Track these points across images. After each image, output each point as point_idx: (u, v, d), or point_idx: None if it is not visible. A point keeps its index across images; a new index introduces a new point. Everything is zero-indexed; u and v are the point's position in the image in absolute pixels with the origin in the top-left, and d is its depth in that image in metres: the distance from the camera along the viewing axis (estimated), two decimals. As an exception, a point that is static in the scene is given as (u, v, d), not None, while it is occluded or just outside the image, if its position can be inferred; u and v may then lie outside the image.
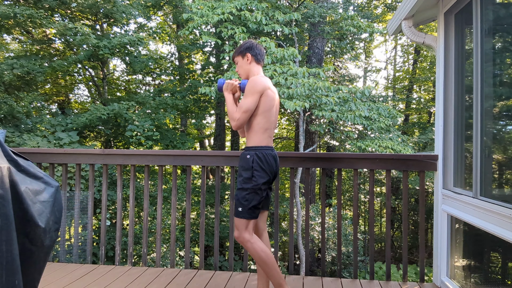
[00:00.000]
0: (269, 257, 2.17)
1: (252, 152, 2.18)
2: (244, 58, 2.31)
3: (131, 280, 2.72)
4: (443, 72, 2.59)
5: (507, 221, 1.78)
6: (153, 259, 8.71)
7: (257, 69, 2.31)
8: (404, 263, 2.86)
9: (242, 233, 2.17)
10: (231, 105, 2.26)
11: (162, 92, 11.35)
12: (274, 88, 2.30)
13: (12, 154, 1.51)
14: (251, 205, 2.15)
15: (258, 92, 2.16)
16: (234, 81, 2.31)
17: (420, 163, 2.77)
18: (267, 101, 2.19)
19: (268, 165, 2.18)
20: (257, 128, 2.20)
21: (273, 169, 2.22)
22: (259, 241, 2.19)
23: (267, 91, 2.19)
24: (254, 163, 2.15)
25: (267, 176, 2.17)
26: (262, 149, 2.19)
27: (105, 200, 3.12)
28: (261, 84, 2.17)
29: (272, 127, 2.26)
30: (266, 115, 2.20)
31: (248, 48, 2.30)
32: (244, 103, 2.16)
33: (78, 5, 8.92)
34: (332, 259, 10.00)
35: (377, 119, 7.84)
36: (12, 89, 8.00)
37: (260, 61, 2.33)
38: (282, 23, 8.37)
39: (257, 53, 2.31)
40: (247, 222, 2.17)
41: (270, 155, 2.20)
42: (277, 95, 2.31)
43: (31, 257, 1.46)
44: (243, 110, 2.16)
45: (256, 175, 2.14)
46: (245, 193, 2.16)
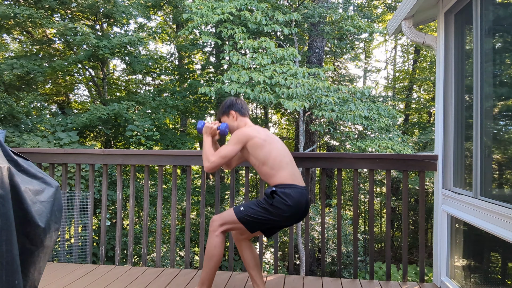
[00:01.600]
0: (216, 257, 2.19)
1: (278, 188, 2.13)
2: (229, 116, 2.36)
3: (131, 280, 2.72)
4: (443, 72, 2.59)
5: (507, 221, 1.78)
6: (153, 259, 8.71)
7: (244, 121, 2.36)
8: (404, 263, 2.86)
9: (219, 223, 2.18)
10: (208, 147, 2.29)
11: (162, 92, 11.35)
12: (267, 133, 2.28)
13: (12, 154, 1.51)
14: (254, 218, 2.13)
15: (240, 142, 2.19)
16: (213, 124, 2.35)
17: (420, 163, 2.77)
18: (257, 148, 2.18)
19: (293, 201, 2.10)
20: (272, 174, 2.18)
21: (299, 206, 2.13)
22: (221, 240, 2.19)
23: (254, 139, 2.18)
24: (277, 196, 2.10)
25: (287, 212, 2.10)
26: (288, 186, 2.14)
27: (105, 200, 3.12)
28: (244, 135, 2.19)
29: (284, 165, 2.19)
30: (270, 160, 2.17)
31: (230, 105, 2.36)
32: (224, 148, 2.20)
33: (78, 5, 8.92)
34: (332, 259, 10.00)
35: (377, 119, 7.85)
36: (12, 89, 8.01)
37: (245, 113, 2.38)
38: (282, 23, 8.37)
39: (240, 108, 2.36)
40: (234, 223, 2.17)
41: (298, 192, 2.14)
42: (273, 138, 2.28)
43: (31, 257, 1.46)
44: (221, 154, 2.19)
45: (276, 206, 2.10)
46: (259, 210, 2.13)
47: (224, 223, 2.19)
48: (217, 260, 2.20)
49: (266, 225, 2.19)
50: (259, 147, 2.18)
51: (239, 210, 2.17)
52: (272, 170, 2.17)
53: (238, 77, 6.94)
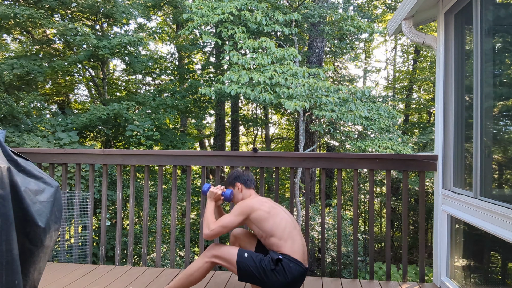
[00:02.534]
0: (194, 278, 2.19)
1: (286, 259, 2.09)
2: (235, 188, 2.39)
3: (131, 280, 2.72)
4: (443, 72, 2.59)
5: (507, 221, 1.78)
6: (153, 259, 8.71)
7: (249, 193, 2.38)
8: (404, 263, 2.85)
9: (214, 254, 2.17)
10: (210, 214, 2.29)
11: (162, 92, 11.35)
12: (271, 204, 2.27)
13: (12, 154, 1.51)
14: (250, 271, 2.10)
15: (243, 214, 2.19)
16: (217, 190, 2.37)
17: (420, 163, 2.76)
18: (262, 221, 2.16)
19: (292, 278, 2.07)
20: (281, 244, 2.14)
21: (294, 285, 2.10)
22: (207, 269, 2.18)
23: (257, 212, 2.17)
24: (282, 266, 2.06)
25: (281, 285, 2.06)
26: (296, 262, 2.10)
27: (105, 200, 3.12)
28: (247, 207, 2.20)
29: (293, 236, 2.16)
30: (275, 232, 2.14)
31: (236, 177, 2.40)
32: (226, 218, 2.20)
33: (78, 5, 8.92)
34: (332, 259, 9.99)
35: (377, 119, 7.85)
36: (12, 89, 8.00)
37: (251, 185, 2.40)
38: (282, 23, 8.37)
39: (245, 180, 2.38)
40: (229, 262, 2.13)
41: (300, 272, 2.10)
42: (278, 208, 2.26)
43: (31, 257, 1.46)
44: (221, 224, 2.18)
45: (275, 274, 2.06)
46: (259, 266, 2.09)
47: (220, 257, 2.16)
48: (193, 282, 2.20)
49: (255, 282, 2.13)
50: (263, 220, 2.17)
51: (242, 255, 2.13)
52: (281, 240, 2.14)
53: (238, 77, 6.94)
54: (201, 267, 2.17)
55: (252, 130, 16.81)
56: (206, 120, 15.13)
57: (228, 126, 14.68)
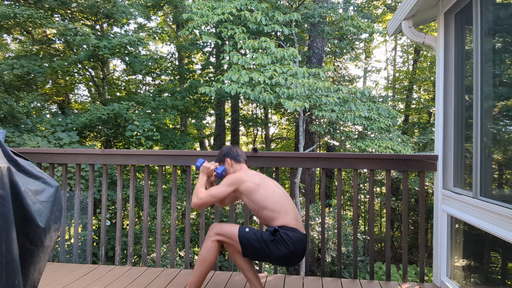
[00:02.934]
0: (208, 262, 2.20)
1: (282, 229, 2.14)
2: (225, 164, 2.44)
3: (131, 280, 2.72)
4: (443, 72, 2.59)
5: (507, 221, 1.78)
6: (153, 259, 8.71)
7: (240, 167, 2.42)
8: (404, 263, 2.86)
9: (217, 231, 2.19)
10: (200, 185, 2.35)
11: (162, 92, 11.35)
12: (261, 177, 2.31)
13: (12, 154, 1.51)
14: (252, 246, 2.13)
15: (232, 185, 2.24)
16: (211, 165, 2.41)
17: (420, 163, 2.76)
18: (252, 192, 2.20)
19: (293, 245, 2.11)
20: (274, 216, 2.18)
21: (297, 252, 2.14)
22: (216, 247, 2.20)
23: (246, 183, 2.22)
24: (279, 235, 2.11)
25: (283, 254, 2.11)
26: (291, 229, 2.15)
27: (105, 200, 3.12)
28: (237, 179, 2.25)
29: (286, 208, 2.21)
30: (269, 205, 2.18)
31: (226, 154, 2.45)
32: (215, 189, 2.26)
33: (78, 5, 8.92)
34: (332, 259, 10.00)
35: (377, 119, 7.85)
36: (12, 89, 8.00)
37: (241, 160, 2.44)
38: (282, 24, 8.37)
39: (235, 155, 2.44)
40: (232, 238, 2.15)
41: (299, 238, 2.15)
42: (269, 181, 2.30)
43: (31, 257, 1.46)
44: (210, 193, 2.24)
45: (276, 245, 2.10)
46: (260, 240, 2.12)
47: (222, 234, 2.19)
48: (209, 265, 2.21)
49: (260, 256, 2.18)
50: (253, 192, 2.21)
51: (244, 230, 2.16)
52: (273, 213, 2.18)
53: (238, 77, 6.94)
54: (209, 248, 2.19)
55: (252, 130, 16.81)
56: (206, 120, 15.13)
57: (228, 126, 14.68)
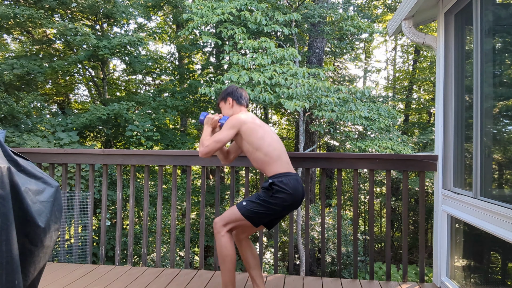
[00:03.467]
0: (229, 256, 2.18)
1: (276, 179, 2.15)
2: (226, 103, 2.40)
3: (131, 280, 2.72)
4: (443, 72, 2.59)
5: (507, 221, 1.78)
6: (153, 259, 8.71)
7: (240, 109, 2.40)
8: (404, 263, 2.85)
9: (222, 224, 2.18)
10: (205, 135, 2.34)
11: (162, 92, 11.35)
12: (261, 121, 2.33)
13: (12, 154, 1.51)
14: (257, 212, 2.14)
15: (234, 127, 2.21)
16: (215, 116, 2.39)
17: (420, 163, 2.76)
18: (251, 132, 2.21)
19: (291, 188, 2.14)
20: (269, 160, 2.19)
21: (297, 193, 2.17)
22: (229, 239, 2.19)
23: (247, 124, 2.22)
24: (276, 186, 2.13)
25: (288, 201, 2.14)
26: (285, 175, 2.17)
27: (105, 200, 3.12)
28: (238, 120, 2.22)
29: (279, 153, 2.23)
30: (263, 146, 2.19)
31: (229, 93, 2.40)
32: (218, 134, 2.24)
33: (78, 5, 8.92)
34: (332, 259, 10.00)
35: (377, 119, 7.85)
36: (12, 89, 8.01)
37: (243, 103, 2.41)
38: (282, 24, 8.37)
39: (238, 96, 2.40)
40: (238, 220, 2.16)
41: (294, 179, 2.18)
42: (267, 127, 2.32)
43: (31, 257, 1.46)
44: (215, 139, 2.22)
45: (276, 196, 2.12)
46: (261, 202, 2.14)
47: (227, 223, 2.19)
48: (232, 260, 2.19)
49: (269, 217, 2.20)
50: (253, 132, 2.21)
51: (242, 206, 2.17)
52: (266, 157, 2.19)
53: (238, 77, 6.94)
54: (224, 244, 2.17)
55: (252, 130, 16.76)
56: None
57: (228, 126, 14.64)
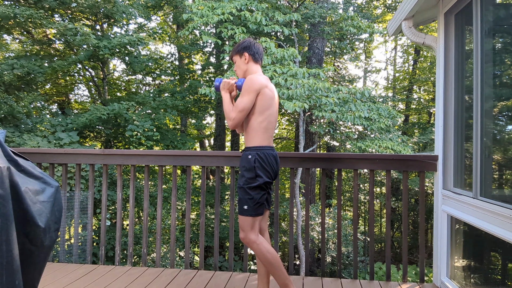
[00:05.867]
0: (275, 258, 2.16)
1: (254, 152, 2.16)
2: (241, 58, 2.28)
3: (131, 280, 2.72)
4: (443, 73, 2.59)
5: (507, 222, 1.78)
6: (153, 259, 8.71)
7: (256, 68, 2.28)
8: (404, 263, 2.86)
9: (248, 234, 2.16)
10: (228, 104, 2.25)
11: (162, 92, 11.35)
12: (273, 86, 2.27)
13: (12, 154, 1.51)
14: (256, 201, 2.15)
15: (255, 90, 2.12)
16: (231, 80, 2.30)
17: (420, 163, 2.76)
18: (265, 99, 2.16)
19: (269, 165, 2.17)
20: (258, 128, 2.18)
21: (274, 169, 2.21)
22: (264, 242, 2.18)
23: (264, 89, 2.15)
24: (256, 163, 2.14)
25: (269, 176, 2.17)
26: (263, 149, 2.18)
27: (105, 200, 3.12)
28: (258, 83, 2.13)
29: (272, 127, 2.25)
30: (265, 114, 2.18)
31: (246, 47, 2.27)
32: (240, 102, 2.14)
33: (78, 5, 8.92)
34: (332, 260, 10.00)
35: (377, 119, 7.85)
36: (12, 89, 8.00)
37: (258, 60, 2.30)
38: (282, 24, 8.37)
39: (255, 52, 2.28)
40: (253, 220, 2.15)
41: (271, 155, 2.19)
42: (276, 94, 2.29)
43: (31, 257, 1.46)
44: (239, 109, 2.14)
45: (259, 173, 2.14)
46: (249, 191, 2.14)
47: (248, 230, 2.15)
48: (278, 260, 2.16)
49: (264, 198, 2.19)
50: (267, 98, 2.17)
51: (245, 210, 2.15)
52: (261, 124, 2.17)
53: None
54: (264, 249, 2.14)
55: (252, 130, 16.77)
56: (206, 120, 15.13)
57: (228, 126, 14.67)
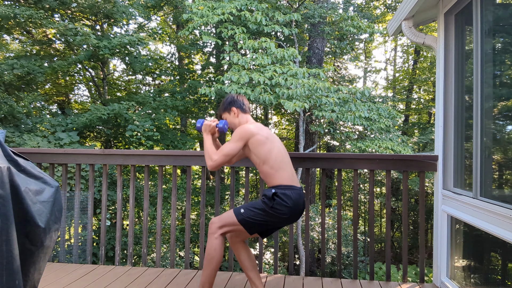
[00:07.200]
0: (217, 260, 2.18)
1: (278, 190, 2.13)
2: (230, 113, 2.36)
3: (131, 280, 2.72)
4: (443, 73, 2.59)
5: (507, 222, 1.78)
6: (153, 260, 8.71)
7: (246, 118, 2.36)
8: (404, 263, 2.85)
9: (218, 226, 2.17)
10: (209, 145, 2.29)
11: (162, 92, 11.35)
12: (266, 131, 2.28)
13: (12, 154, 1.51)
14: (254, 221, 2.13)
15: (243, 139, 2.19)
16: (212, 122, 2.36)
17: (420, 163, 2.76)
18: (259, 145, 2.18)
19: (293, 202, 2.11)
20: (271, 172, 2.18)
21: (298, 207, 2.15)
22: (221, 242, 2.18)
23: (254, 137, 2.18)
24: (278, 198, 2.11)
25: (287, 214, 2.12)
26: (288, 187, 2.15)
27: (105, 200, 3.12)
28: (247, 132, 2.19)
29: (283, 166, 2.21)
30: (270, 158, 2.17)
31: (231, 102, 2.36)
32: (227, 146, 2.20)
33: (78, 5, 8.93)
34: (332, 260, 10.00)
35: (377, 119, 7.85)
36: (12, 89, 8.01)
37: (246, 110, 2.37)
38: (282, 24, 8.37)
39: (241, 104, 2.36)
40: (233, 225, 2.15)
41: (297, 193, 2.15)
42: (272, 135, 2.29)
43: (31, 257, 1.46)
44: (223, 152, 2.19)
45: (276, 208, 2.10)
46: (259, 212, 2.13)
47: (223, 225, 2.18)
48: (217, 262, 2.20)
49: (265, 227, 2.20)
50: (261, 145, 2.18)
51: (239, 212, 2.16)
52: (272, 169, 2.18)
53: (238, 77, 6.94)
54: (214, 245, 2.17)
55: (252, 130, 16.77)
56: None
57: (228, 126, 14.66)
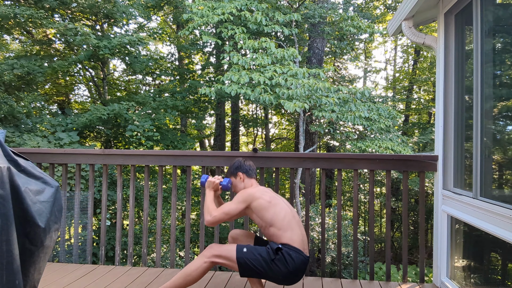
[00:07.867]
0: (192, 278, 2.14)
1: (286, 248, 2.10)
2: (237, 178, 2.41)
3: (131, 280, 2.72)
4: (443, 73, 2.59)
5: (507, 222, 1.78)
6: (153, 260, 8.71)
7: (251, 182, 2.40)
8: (404, 263, 2.85)
9: (214, 254, 2.13)
10: (210, 201, 2.31)
11: (162, 92, 11.35)
12: (272, 194, 2.28)
13: (12, 154, 1.51)
14: (251, 266, 2.09)
15: (244, 201, 2.21)
16: (215, 179, 2.39)
17: (420, 163, 2.76)
18: (262, 209, 2.18)
19: (294, 267, 2.08)
20: (279, 234, 2.15)
21: (296, 275, 2.11)
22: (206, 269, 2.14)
23: (258, 200, 2.19)
24: (282, 255, 2.08)
25: (282, 275, 2.09)
26: (296, 250, 2.11)
27: (105, 200, 3.12)
28: (249, 195, 2.22)
29: (292, 226, 2.18)
30: (275, 221, 2.16)
31: (238, 167, 2.42)
32: (228, 205, 2.22)
33: (78, 5, 8.92)
34: (332, 260, 9.99)
35: (377, 119, 7.85)
36: (12, 89, 8.01)
37: (252, 175, 2.42)
38: (282, 24, 8.37)
39: (247, 169, 2.42)
40: (230, 260, 2.11)
41: (301, 259, 2.10)
42: (276, 196, 2.30)
43: (31, 257, 1.46)
44: (224, 211, 2.21)
45: (276, 264, 2.07)
46: (260, 259, 2.09)
47: (219, 255, 2.14)
48: (192, 281, 2.16)
49: (258, 275, 2.14)
50: (264, 209, 2.18)
51: (242, 250, 2.12)
52: (279, 230, 2.15)
53: (238, 77, 6.93)
54: (199, 267, 2.13)
55: (252, 131, 16.82)
56: (206, 120, 15.14)
57: (228, 126, 14.68)
